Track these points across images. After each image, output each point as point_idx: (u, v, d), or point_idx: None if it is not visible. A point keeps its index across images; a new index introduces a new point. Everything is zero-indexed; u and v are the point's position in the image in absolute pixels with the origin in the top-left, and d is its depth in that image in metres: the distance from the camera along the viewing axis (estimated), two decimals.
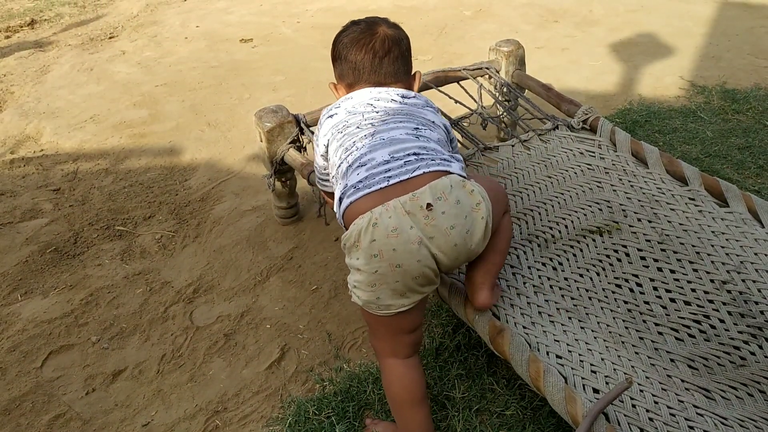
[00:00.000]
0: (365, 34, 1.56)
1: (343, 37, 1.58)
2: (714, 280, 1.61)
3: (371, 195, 1.32)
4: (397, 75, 1.58)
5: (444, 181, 1.31)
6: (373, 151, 1.38)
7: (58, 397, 1.74)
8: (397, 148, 1.38)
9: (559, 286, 1.62)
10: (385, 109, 1.49)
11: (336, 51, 1.58)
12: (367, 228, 1.27)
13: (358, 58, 1.54)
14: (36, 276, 2.21)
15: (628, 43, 3.95)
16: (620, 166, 2.03)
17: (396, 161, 1.35)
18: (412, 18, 4.59)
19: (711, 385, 1.37)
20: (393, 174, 1.33)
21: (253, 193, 2.62)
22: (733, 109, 2.99)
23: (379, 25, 1.59)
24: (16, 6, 5.50)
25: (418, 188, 1.29)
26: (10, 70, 4.04)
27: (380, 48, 1.54)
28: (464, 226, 1.31)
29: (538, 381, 1.33)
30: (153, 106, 3.45)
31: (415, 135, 1.44)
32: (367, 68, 1.54)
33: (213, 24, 4.73)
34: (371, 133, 1.43)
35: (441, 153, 1.41)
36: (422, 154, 1.38)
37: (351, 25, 1.60)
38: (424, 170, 1.33)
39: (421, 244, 1.27)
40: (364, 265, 1.29)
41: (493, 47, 2.60)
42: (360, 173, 1.36)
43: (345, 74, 1.58)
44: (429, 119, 1.52)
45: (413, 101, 1.54)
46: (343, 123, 1.49)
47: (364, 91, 1.54)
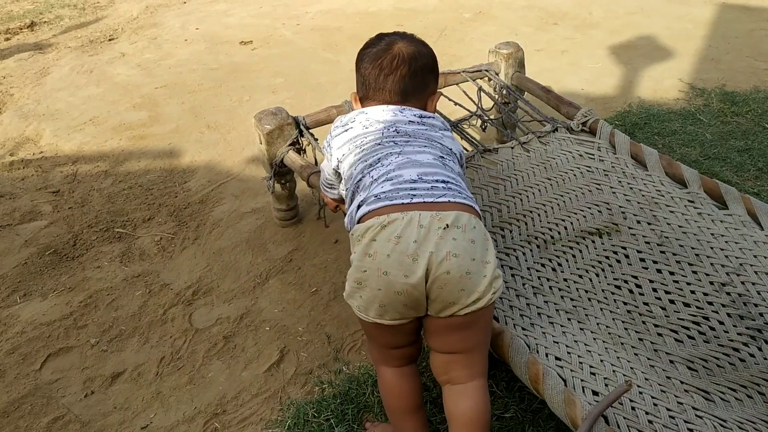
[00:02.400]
0: (381, 49, 1.53)
1: (365, 49, 1.56)
2: (713, 282, 1.61)
3: (392, 206, 1.28)
4: (406, 94, 1.52)
5: (470, 218, 1.28)
6: (402, 169, 1.36)
7: (57, 400, 1.74)
8: (426, 171, 1.36)
9: (559, 287, 1.62)
10: (406, 131, 1.46)
11: (356, 62, 1.57)
12: (375, 227, 1.26)
13: (367, 72, 1.52)
14: (35, 278, 2.21)
15: (627, 45, 3.95)
16: (619, 169, 2.03)
17: (423, 183, 1.32)
18: (411, 20, 4.60)
19: (710, 387, 1.36)
20: (418, 193, 1.30)
21: (252, 195, 2.62)
22: (733, 112, 3.00)
23: (397, 42, 1.54)
24: (16, 8, 5.50)
25: (445, 211, 1.27)
26: (9, 72, 4.04)
27: (387, 65, 1.50)
28: (467, 265, 1.24)
29: (538, 383, 1.32)
30: (153, 108, 3.45)
31: (442, 163, 1.41)
32: (371, 85, 1.52)
33: (213, 26, 4.73)
34: (398, 152, 1.41)
35: (466, 189, 1.39)
36: (450, 183, 1.35)
37: (376, 39, 1.58)
38: (450, 199, 1.30)
39: (415, 260, 1.23)
40: (357, 261, 1.29)
41: (492, 50, 2.60)
42: (385, 186, 1.33)
43: (358, 87, 1.57)
44: (448, 147, 1.48)
45: (431, 122, 1.51)
46: (361, 138, 1.46)
47: (377, 108, 1.51)
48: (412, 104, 1.53)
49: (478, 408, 1.31)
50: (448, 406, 1.35)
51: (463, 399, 1.32)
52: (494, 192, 1.97)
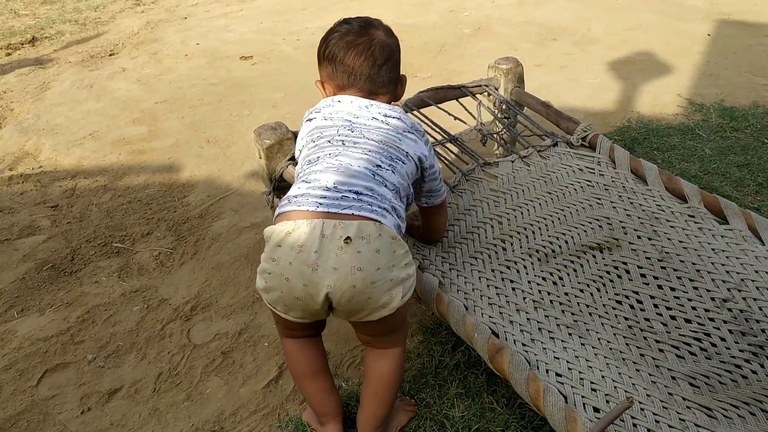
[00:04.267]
0: (362, 37, 1.49)
1: (336, 37, 1.50)
2: (714, 297, 1.60)
3: (299, 212, 1.32)
4: (389, 84, 1.54)
5: (375, 227, 1.30)
6: (325, 173, 1.37)
7: (54, 416, 1.72)
8: (346, 180, 1.35)
9: (560, 301, 1.61)
10: (360, 130, 1.46)
11: (328, 51, 1.50)
12: (281, 232, 1.29)
13: (356, 63, 1.48)
14: (33, 293, 2.20)
15: (626, 61, 3.97)
16: (620, 183, 2.03)
17: (335, 192, 1.33)
18: (411, 35, 4.62)
19: (713, 404, 1.35)
20: (325, 202, 1.31)
21: (252, 209, 2.62)
22: (732, 127, 3.00)
23: (375, 28, 1.52)
24: (17, 23, 5.53)
25: (349, 220, 1.29)
26: (10, 87, 4.05)
27: (380, 55, 1.49)
28: (372, 276, 1.28)
29: (538, 400, 1.31)
30: (152, 123, 3.45)
31: (371, 173, 1.39)
32: (364, 75, 1.49)
33: (213, 41, 4.75)
34: (336, 153, 1.42)
35: (385, 200, 1.37)
36: (364, 195, 1.34)
37: (343, 24, 1.53)
38: (354, 212, 1.30)
39: (315, 271, 1.26)
40: (263, 262, 1.34)
41: (492, 65, 2.60)
42: (301, 188, 1.37)
43: (337, 76, 1.51)
44: (402, 150, 1.47)
45: (395, 123, 1.49)
46: (318, 132, 1.49)
47: (347, 99, 1.50)
48: (382, 96, 1.53)
49: (391, 369, 1.46)
50: (368, 363, 1.49)
51: (381, 360, 1.46)
52: (494, 205, 1.96)
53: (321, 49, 1.53)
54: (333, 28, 1.53)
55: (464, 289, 1.63)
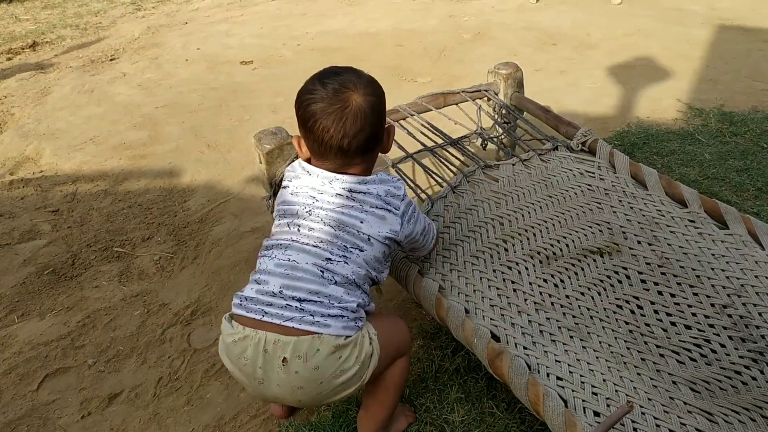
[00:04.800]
0: (334, 105, 1.35)
1: (309, 101, 1.36)
2: (714, 303, 1.60)
3: (247, 319, 1.33)
4: (366, 153, 1.41)
5: (313, 343, 1.29)
6: (272, 275, 1.35)
7: (54, 421, 1.72)
8: (291, 283, 1.33)
9: (561, 304, 1.61)
10: (318, 213, 1.39)
11: (301, 113, 1.38)
12: (230, 337, 1.33)
13: (326, 136, 1.35)
14: (33, 297, 2.20)
15: (625, 66, 3.97)
16: (620, 188, 2.03)
17: (280, 298, 1.32)
18: (411, 40, 4.63)
19: (713, 409, 1.35)
20: (270, 311, 1.31)
21: (252, 214, 2.62)
22: (731, 132, 3.00)
23: (351, 90, 1.37)
24: (18, 28, 5.55)
25: (288, 336, 1.29)
26: (11, 91, 4.06)
27: (352, 126, 1.35)
28: (316, 389, 1.31)
29: (538, 405, 1.31)
30: (153, 128, 3.46)
31: (320, 269, 1.34)
32: (334, 148, 1.36)
33: (214, 46, 4.77)
34: (287, 244, 1.38)
35: (332, 302, 1.33)
36: (306, 301, 1.32)
37: (318, 85, 1.38)
38: (294, 325, 1.29)
39: (261, 383, 1.32)
40: (222, 341, 1.38)
41: (491, 70, 2.61)
42: (252, 290, 1.36)
43: (309, 144, 1.40)
44: (363, 234, 1.39)
45: (362, 198, 1.40)
46: (283, 208, 1.43)
47: (315, 172, 1.41)
48: (355, 167, 1.42)
49: (396, 374, 1.47)
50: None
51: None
52: (495, 206, 1.96)
53: (296, 108, 1.41)
54: (307, 87, 1.39)
55: (465, 291, 1.63)
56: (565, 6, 5.26)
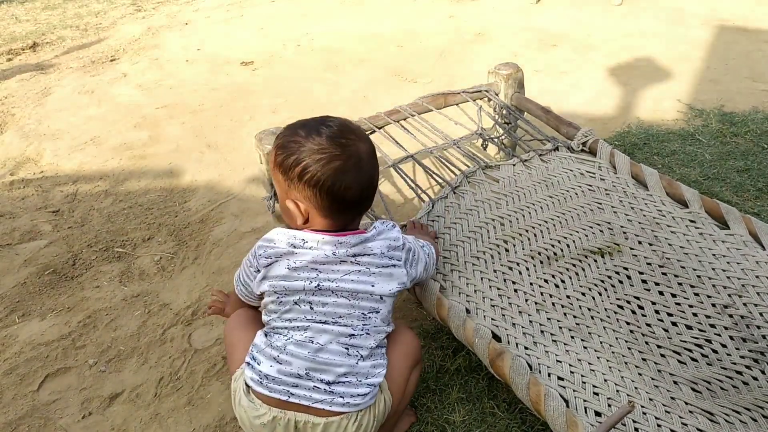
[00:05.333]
0: (351, 158, 1.29)
1: (321, 160, 1.26)
2: (715, 304, 1.60)
3: (272, 399, 1.31)
4: (356, 215, 1.40)
5: (341, 423, 1.31)
6: (294, 356, 1.31)
7: (55, 421, 1.72)
8: (317, 367, 1.30)
9: (561, 304, 1.61)
10: (330, 284, 1.33)
11: (311, 176, 1.27)
12: (256, 417, 1.33)
13: (348, 194, 1.29)
14: (34, 298, 2.20)
15: (626, 66, 3.97)
16: (620, 188, 2.04)
17: (307, 381, 1.30)
18: (411, 41, 4.63)
19: (715, 409, 1.35)
20: (297, 393, 1.30)
21: (252, 215, 2.62)
22: (732, 132, 3.00)
23: (355, 140, 1.31)
24: (18, 29, 5.55)
25: (318, 417, 1.30)
26: (11, 92, 4.06)
27: (368, 178, 1.32)
28: None
29: (539, 405, 1.31)
30: (153, 128, 3.46)
31: (345, 347, 1.32)
32: (351, 205, 1.32)
33: (214, 47, 4.77)
34: (305, 326, 1.32)
35: (362, 380, 1.33)
36: (338, 384, 1.31)
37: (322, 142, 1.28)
38: (325, 407, 1.30)
39: None
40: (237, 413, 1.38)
41: (492, 70, 2.61)
42: (273, 368, 1.31)
43: (319, 205, 1.31)
44: (376, 296, 1.36)
45: (367, 260, 1.36)
46: (282, 287, 1.33)
47: (314, 240, 1.33)
48: (358, 219, 1.40)
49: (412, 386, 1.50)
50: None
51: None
52: (496, 206, 1.97)
53: (299, 170, 1.28)
54: (310, 147, 1.28)
55: (466, 291, 1.63)
56: (566, 7, 5.26)
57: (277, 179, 1.35)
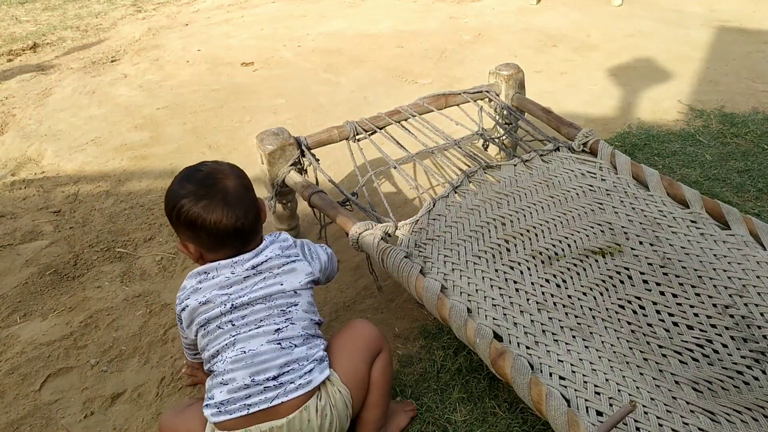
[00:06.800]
0: (216, 195, 1.40)
1: (187, 203, 1.39)
2: (716, 304, 1.60)
3: (233, 421, 1.35)
4: (257, 229, 1.49)
5: (302, 417, 1.37)
6: (235, 371, 1.37)
7: (57, 421, 1.72)
8: (258, 369, 1.37)
9: (563, 304, 1.62)
10: (242, 299, 1.41)
11: (184, 219, 1.39)
12: None
13: (220, 226, 1.39)
14: (35, 298, 2.20)
15: (626, 67, 3.98)
16: (621, 189, 2.04)
17: (256, 386, 1.36)
18: (411, 42, 4.63)
19: (716, 408, 1.36)
20: (253, 402, 1.35)
21: None
22: (732, 133, 3.01)
23: (221, 178, 1.43)
24: (18, 30, 5.55)
25: (279, 418, 1.36)
26: (12, 92, 4.07)
27: (239, 208, 1.41)
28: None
29: (540, 404, 1.31)
30: (154, 129, 3.46)
31: (278, 342, 1.40)
32: (230, 235, 1.41)
33: (214, 48, 4.77)
34: (232, 341, 1.39)
35: (303, 363, 1.40)
36: (283, 375, 1.37)
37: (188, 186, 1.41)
38: (282, 399, 1.36)
39: None
40: None
41: (492, 71, 2.62)
42: (223, 393, 1.37)
43: (202, 242, 1.43)
44: (288, 291, 1.45)
45: (266, 266, 1.45)
46: (203, 319, 1.41)
47: (212, 269, 1.43)
48: (253, 243, 1.47)
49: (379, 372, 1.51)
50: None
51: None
52: (497, 206, 1.97)
53: (174, 216, 1.42)
54: (178, 193, 1.42)
55: (467, 291, 1.63)
56: (566, 7, 5.27)
57: (171, 226, 1.49)
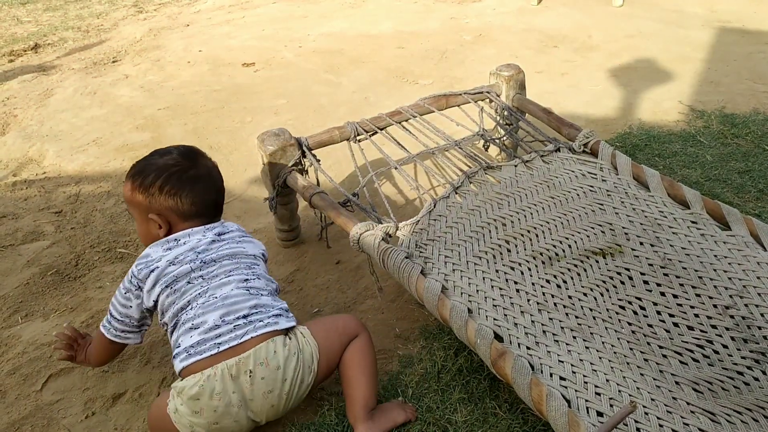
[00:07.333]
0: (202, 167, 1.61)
1: (177, 172, 1.56)
2: (717, 305, 1.61)
3: (203, 361, 1.41)
4: (219, 209, 1.70)
5: (269, 347, 1.44)
6: (206, 314, 1.46)
7: (58, 421, 1.72)
8: (229, 310, 1.47)
9: (563, 304, 1.62)
10: (211, 255, 1.55)
11: (171, 186, 1.56)
12: (194, 386, 1.39)
13: (207, 196, 1.59)
14: (37, 298, 2.20)
15: (627, 68, 3.98)
16: (622, 189, 2.04)
17: (226, 325, 1.44)
18: (412, 43, 4.64)
19: (716, 409, 1.36)
20: (223, 340, 1.43)
21: (254, 215, 2.63)
22: (733, 134, 3.01)
23: (201, 157, 1.65)
24: (20, 30, 5.56)
25: (245, 351, 1.42)
26: (13, 93, 4.07)
27: (220, 182, 1.64)
28: (282, 388, 1.45)
29: (541, 405, 1.32)
30: (155, 130, 3.47)
31: (246, 289, 1.52)
32: (211, 204, 1.61)
33: (215, 48, 4.78)
34: (204, 291, 1.49)
35: (270, 308, 1.51)
36: (252, 315, 1.47)
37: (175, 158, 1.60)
38: (252, 335, 1.44)
39: (240, 407, 1.42)
40: (186, 415, 1.41)
41: (493, 72, 2.62)
42: (193, 337, 1.44)
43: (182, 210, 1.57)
44: (250, 255, 1.61)
45: (229, 236, 1.62)
46: (171, 277, 1.51)
47: (184, 235, 1.57)
48: (220, 215, 1.68)
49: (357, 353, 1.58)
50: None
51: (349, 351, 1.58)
52: (498, 207, 1.97)
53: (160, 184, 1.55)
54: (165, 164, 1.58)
55: (468, 291, 1.63)
56: (566, 8, 5.28)
57: (136, 204, 1.59)
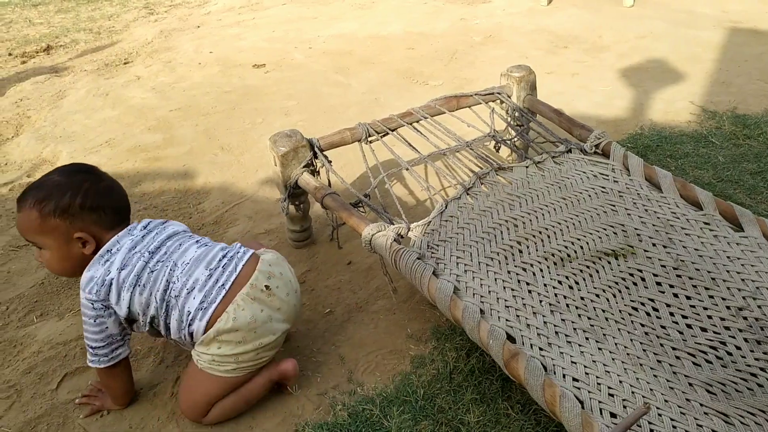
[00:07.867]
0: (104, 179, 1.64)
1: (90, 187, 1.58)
2: (730, 306, 1.60)
3: (220, 305, 1.55)
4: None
5: (264, 264, 1.63)
6: (192, 274, 1.57)
7: (73, 420, 1.74)
8: (207, 260, 1.60)
9: (576, 306, 1.62)
10: (153, 245, 1.63)
11: (91, 200, 1.57)
12: (227, 322, 1.54)
13: (124, 200, 1.67)
14: (52, 298, 2.22)
15: (637, 68, 3.97)
16: (634, 190, 2.04)
17: (217, 269, 1.59)
18: (422, 44, 4.64)
19: (730, 410, 1.36)
20: (223, 281, 1.57)
21: (266, 216, 2.64)
22: (745, 134, 3.00)
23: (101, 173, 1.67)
24: (32, 32, 5.60)
25: (249, 277, 1.58)
26: (26, 94, 4.10)
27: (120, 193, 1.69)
28: (293, 287, 1.69)
29: (554, 406, 1.32)
30: (167, 131, 3.49)
31: (204, 244, 1.66)
32: (126, 208, 1.68)
33: (226, 50, 4.80)
34: (173, 265, 1.59)
35: (233, 245, 1.69)
36: (228, 252, 1.64)
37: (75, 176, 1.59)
38: (241, 263, 1.61)
39: (272, 319, 1.60)
40: (229, 351, 1.57)
41: (504, 73, 2.62)
42: (196, 296, 1.55)
43: (108, 221, 1.61)
44: (181, 231, 1.75)
45: (153, 226, 1.71)
46: (132, 278, 1.56)
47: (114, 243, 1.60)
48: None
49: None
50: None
51: None
52: (510, 208, 1.98)
53: (74, 204, 1.54)
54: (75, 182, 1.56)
55: (480, 292, 1.64)
56: (576, 8, 5.27)
57: (49, 231, 1.53)
